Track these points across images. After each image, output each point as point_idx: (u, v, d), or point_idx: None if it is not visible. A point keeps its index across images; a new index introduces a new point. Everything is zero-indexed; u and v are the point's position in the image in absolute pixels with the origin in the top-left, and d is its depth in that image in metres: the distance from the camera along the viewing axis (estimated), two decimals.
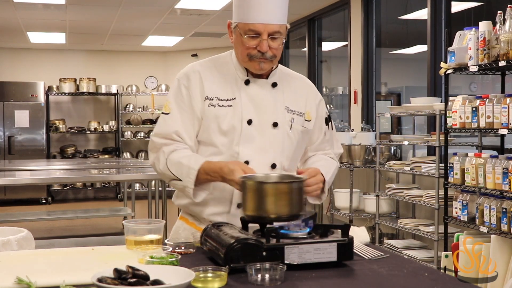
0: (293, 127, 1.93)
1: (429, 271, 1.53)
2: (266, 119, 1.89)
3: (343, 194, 5.06)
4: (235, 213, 1.88)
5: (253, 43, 1.83)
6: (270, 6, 1.81)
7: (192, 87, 1.90)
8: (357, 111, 6.23)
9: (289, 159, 1.93)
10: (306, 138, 2.00)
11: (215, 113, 1.87)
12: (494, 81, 6.96)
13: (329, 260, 1.53)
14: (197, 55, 10.08)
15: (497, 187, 3.28)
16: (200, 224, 1.94)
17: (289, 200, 1.59)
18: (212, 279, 1.36)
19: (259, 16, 1.81)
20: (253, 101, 1.90)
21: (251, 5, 1.81)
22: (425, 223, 4.41)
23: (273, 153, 1.90)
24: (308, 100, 2.00)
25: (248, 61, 1.87)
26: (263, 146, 1.88)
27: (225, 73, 1.94)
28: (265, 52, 1.83)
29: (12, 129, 9.27)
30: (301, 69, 7.98)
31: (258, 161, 1.87)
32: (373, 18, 6.04)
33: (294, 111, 1.95)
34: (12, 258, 1.62)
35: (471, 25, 3.54)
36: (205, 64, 1.96)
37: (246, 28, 1.82)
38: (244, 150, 1.86)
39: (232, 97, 1.89)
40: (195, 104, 1.89)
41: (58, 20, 7.64)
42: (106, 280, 1.26)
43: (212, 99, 1.88)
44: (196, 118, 1.89)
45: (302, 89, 2.02)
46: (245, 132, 1.87)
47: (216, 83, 1.91)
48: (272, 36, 1.83)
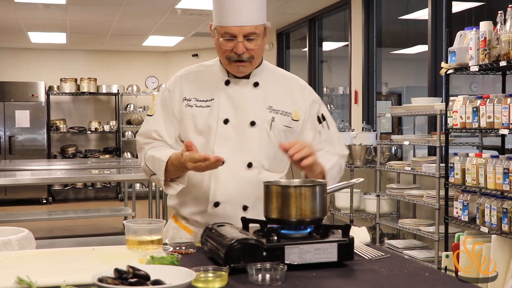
0: (273, 126, 1.93)
1: (429, 271, 1.53)
2: (243, 119, 1.91)
3: (344, 194, 5.05)
4: (212, 212, 1.91)
5: (229, 46, 1.85)
6: (244, 8, 1.83)
7: (174, 90, 1.98)
8: (358, 111, 6.23)
9: (269, 158, 1.93)
10: (292, 138, 1.97)
11: (191, 113, 1.93)
12: (494, 81, 6.96)
13: (329, 260, 1.53)
14: (197, 55, 10.08)
15: (498, 187, 3.28)
16: (186, 223, 1.99)
17: (311, 204, 1.58)
18: (213, 279, 1.36)
19: (233, 18, 1.83)
20: (232, 101, 1.92)
21: (226, 8, 1.83)
22: (426, 223, 4.41)
23: (250, 152, 1.91)
24: (296, 100, 2.00)
25: (228, 63, 1.90)
26: (239, 145, 1.90)
27: (209, 76, 1.98)
28: (241, 54, 1.85)
29: (13, 129, 9.28)
30: (302, 69, 7.98)
31: (234, 160, 1.89)
32: (373, 18, 6.04)
33: (278, 111, 1.95)
34: (12, 258, 1.62)
35: (472, 25, 3.54)
36: (191, 69, 2.04)
37: (222, 31, 1.85)
38: (220, 149, 1.89)
39: (211, 98, 1.94)
40: (174, 106, 1.97)
41: (58, 20, 7.65)
42: (107, 280, 1.26)
43: (190, 100, 1.95)
44: (175, 119, 1.96)
45: (290, 89, 2.02)
46: (221, 132, 1.90)
47: (196, 85, 1.97)
48: (248, 37, 1.85)
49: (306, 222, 1.58)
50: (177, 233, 2.00)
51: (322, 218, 1.62)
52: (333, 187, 1.84)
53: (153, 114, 2.00)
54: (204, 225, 1.90)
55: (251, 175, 1.90)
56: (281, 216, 1.58)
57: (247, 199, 1.91)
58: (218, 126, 1.90)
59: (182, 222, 2.01)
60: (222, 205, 1.90)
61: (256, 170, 1.91)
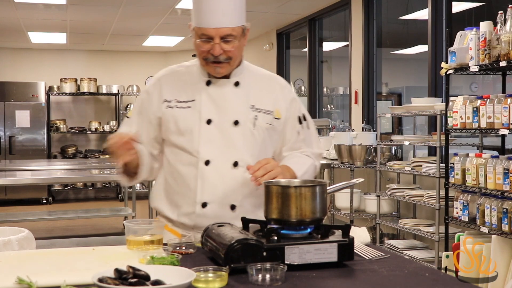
0: (257, 124, 1.94)
1: (429, 271, 1.53)
2: (226, 118, 1.92)
3: (344, 194, 5.05)
4: (200, 213, 1.90)
5: (206, 47, 1.86)
6: (221, 10, 1.83)
7: (152, 93, 2.00)
8: (358, 111, 6.23)
9: (254, 157, 1.93)
10: (274, 136, 2.00)
11: (173, 115, 1.94)
12: (495, 81, 6.96)
13: (329, 260, 1.53)
14: None
15: (498, 188, 3.28)
16: (173, 226, 1.98)
17: (311, 204, 1.58)
18: (213, 279, 1.36)
19: (210, 20, 1.83)
20: (214, 101, 1.93)
21: (203, 9, 1.84)
22: (426, 223, 4.41)
23: (235, 151, 1.91)
24: (277, 99, 2.01)
25: (205, 64, 1.91)
26: (224, 145, 1.91)
27: (189, 76, 1.99)
28: (217, 56, 1.86)
29: (13, 129, 9.28)
30: (302, 69, 7.98)
31: (220, 160, 1.90)
32: (373, 18, 6.04)
33: (260, 109, 1.96)
34: (13, 258, 1.62)
35: (472, 25, 3.54)
36: (170, 70, 2.05)
37: (199, 32, 1.86)
38: (204, 149, 1.90)
39: (192, 98, 1.94)
40: (151, 108, 1.98)
41: (59, 20, 7.65)
42: (107, 280, 1.26)
43: (171, 101, 1.95)
44: (152, 121, 1.97)
45: (271, 88, 2.03)
46: (205, 132, 1.91)
47: (176, 86, 1.98)
48: (225, 39, 1.85)
49: (306, 222, 1.58)
50: (164, 236, 1.95)
51: (322, 218, 1.62)
52: (333, 187, 1.84)
53: (130, 117, 2.03)
54: (192, 227, 1.92)
55: (238, 174, 1.91)
56: (281, 216, 1.58)
57: (234, 198, 1.91)
58: (201, 126, 1.91)
59: (168, 225, 1.99)
60: (210, 205, 1.90)
61: (242, 169, 1.91)
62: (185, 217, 1.93)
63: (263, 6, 6.98)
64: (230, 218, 1.88)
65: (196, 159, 1.90)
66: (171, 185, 1.96)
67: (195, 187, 1.90)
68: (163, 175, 2.00)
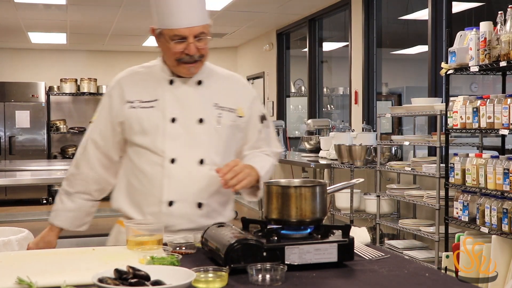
0: (221, 122, 1.95)
1: (430, 271, 1.53)
2: (191, 116, 1.92)
3: (344, 195, 5.05)
4: (166, 212, 1.89)
5: (180, 48, 1.86)
6: (191, 9, 1.85)
7: (113, 95, 2.00)
8: (358, 111, 6.23)
9: (219, 154, 1.94)
10: (238, 134, 2.01)
11: (136, 115, 1.93)
12: (495, 81, 6.96)
13: (329, 260, 1.53)
14: None
15: (498, 188, 3.28)
16: None
17: (311, 204, 1.58)
18: (213, 279, 1.36)
19: (182, 20, 1.84)
20: (178, 100, 1.93)
21: (173, 11, 1.83)
22: (426, 223, 4.41)
23: (200, 149, 1.92)
24: (240, 97, 2.03)
25: (176, 65, 1.90)
26: (189, 143, 1.91)
27: (151, 76, 1.99)
28: (193, 55, 1.87)
29: (13, 129, 9.28)
30: (302, 70, 7.98)
31: (185, 158, 1.90)
32: (373, 19, 6.04)
33: (224, 107, 1.97)
34: (13, 258, 1.62)
35: (472, 26, 3.53)
36: (131, 71, 2.05)
37: (171, 34, 1.85)
38: (170, 147, 1.89)
39: (155, 98, 1.94)
40: (113, 111, 1.98)
41: (59, 20, 7.65)
42: (107, 281, 1.26)
43: (133, 102, 1.95)
44: (115, 124, 1.98)
45: (233, 87, 2.04)
46: (169, 131, 1.91)
47: (138, 87, 1.98)
48: (198, 37, 1.86)
49: (306, 223, 1.59)
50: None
51: (322, 218, 1.62)
52: (333, 188, 1.84)
53: (94, 121, 2.04)
54: None
55: (204, 172, 1.91)
56: (281, 216, 1.58)
57: (201, 196, 1.91)
58: (166, 125, 1.91)
59: None
60: (177, 204, 1.89)
61: (208, 166, 1.91)
62: (150, 217, 1.91)
63: (263, 6, 6.98)
64: (197, 216, 1.89)
65: (161, 158, 1.89)
66: (134, 186, 1.95)
67: (161, 186, 1.89)
68: (125, 176, 1.99)
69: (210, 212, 1.93)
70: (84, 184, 2.03)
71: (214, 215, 1.94)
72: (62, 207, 2.04)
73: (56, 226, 2.03)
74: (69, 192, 2.04)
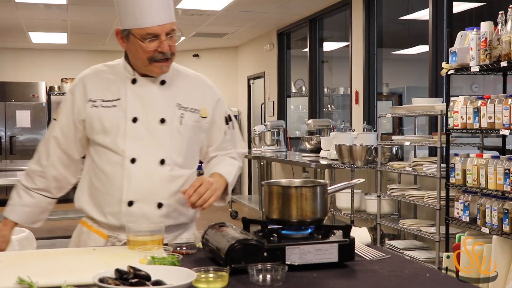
0: (183, 122, 1.95)
1: (430, 272, 1.53)
2: (153, 116, 1.91)
3: (344, 195, 5.05)
4: (126, 212, 1.89)
5: (153, 46, 1.85)
6: (162, 7, 1.85)
7: (76, 92, 1.98)
8: (359, 111, 6.23)
9: (181, 155, 1.94)
10: (201, 135, 2.01)
11: (98, 114, 1.92)
12: (495, 81, 6.96)
13: (330, 260, 1.53)
14: (198, 55, 10.08)
15: (499, 188, 3.27)
16: (98, 227, 1.96)
17: (312, 205, 1.58)
18: (214, 279, 1.36)
19: (154, 18, 1.83)
20: (140, 99, 1.92)
21: (144, 10, 1.83)
22: (427, 223, 4.40)
23: (161, 149, 1.91)
24: (204, 98, 2.02)
25: (148, 65, 1.89)
26: (150, 143, 1.90)
27: (113, 75, 1.98)
28: (166, 52, 1.86)
29: (14, 129, 9.28)
30: (302, 70, 7.97)
31: (146, 158, 1.89)
32: (374, 19, 6.04)
33: (187, 108, 1.97)
34: (13, 258, 1.62)
35: (473, 26, 3.53)
36: (95, 69, 2.04)
37: (143, 33, 1.84)
38: (130, 147, 1.89)
39: (117, 97, 1.93)
40: (76, 108, 1.96)
41: (59, 20, 7.65)
42: (108, 281, 1.26)
43: (95, 100, 1.94)
44: (77, 122, 1.96)
45: (197, 87, 2.03)
46: (130, 130, 1.90)
47: (101, 86, 1.97)
48: (169, 34, 1.87)
49: (307, 223, 1.59)
50: (89, 238, 1.96)
51: (323, 218, 1.62)
52: (334, 188, 1.84)
53: (57, 119, 2.01)
54: (118, 227, 1.90)
55: (164, 172, 1.90)
56: (282, 216, 1.58)
57: (161, 196, 1.90)
58: (127, 125, 1.90)
59: (93, 226, 1.97)
60: (136, 204, 1.89)
61: (168, 166, 1.91)
62: (111, 217, 1.91)
63: (263, 6, 6.98)
64: (157, 216, 1.89)
65: (121, 157, 1.88)
66: (95, 185, 1.94)
67: (121, 185, 1.88)
68: (88, 176, 1.99)
69: (171, 212, 1.92)
70: (43, 181, 2.01)
71: (175, 215, 1.94)
72: (20, 201, 2.00)
73: (10, 221, 1.99)
74: (28, 188, 2.01)
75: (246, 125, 10.02)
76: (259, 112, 9.65)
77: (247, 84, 9.98)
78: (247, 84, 9.98)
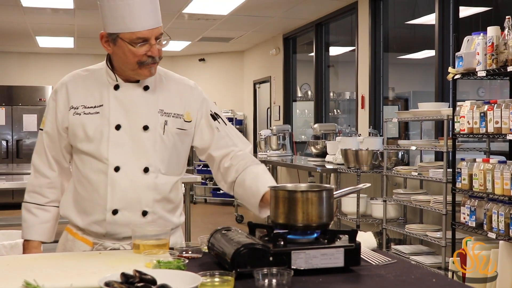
0: (166, 130, 1.91)
1: (437, 277, 1.53)
2: (136, 123, 1.88)
3: (350, 199, 5.04)
4: (110, 220, 1.87)
5: (143, 50, 1.83)
6: (151, 11, 1.83)
7: (58, 99, 1.95)
8: (365, 116, 6.22)
9: (164, 162, 1.91)
10: (186, 139, 1.97)
11: (80, 121, 1.89)
12: (502, 86, 6.93)
13: (336, 265, 1.52)
14: (204, 59, 10.10)
15: (506, 193, 3.26)
16: (83, 234, 1.94)
17: (318, 209, 1.58)
18: (219, 283, 1.36)
19: (144, 23, 1.82)
20: (123, 106, 1.90)
21: (134, 13, 1.81)
22: (433, 228, 4.39)
23: (145, 156, 1.88)
24: (187, 101, 1.99)
25: (137, 68, 1.86)
26: (134, 150, 1.87)
27: (95, 81, 1.95)
28: (155, 56, 1.85)
29: (20, 132, 9.32)
30: (309, 74, 7.98)
31: (130, 166, 1.87)
32: (380, 23, 6.03)
33: (170, 114, 1.94)
34: (20, 262, 1.63)
35: (479, 30, 3.53)
36: (76, 75, 2.01)
37: (133, 37, 1.82)
38: (114, 155, 1.85)
39: (100, 103, 1.90)
40: (59, 115, 1.94)
41: (66, 24, 7.69)
42: (113, 284, 1.26)
43: (78, 107, 1.91)
44: (61, 130, 1.94)
45: (180, 91, 2.00)
46: (114, 138, 1.87)
47: (83, 92, 1.93)
48: (158, 38, 1.86)
49: (312, 227, 1.58)
50: (74, 245, 1.94)
51: (329, 223, 1.62)
52: (340, 192, 1.84)
53: (44, 128, 1.99)
54: (103, 234, 1.88)
55: (148, 180, 1.88)
56: (288, 221, 1.58)
57: (146, 204, 1.89)
58: (110, 132, 1.87)
59: (78, 234, 1.95)
60: (121, 212, 1.86)
61: (153, 174, 1.89)
62: (96, 225, 1.89)
63: (269, 11, 6.99)
64: (141, 224, 1.86)
65: (105, 165, 1.86)
66: (80, 193, 1.92)
67: (105, 194, 1.86)
68: (72, 184, 1.96)
69: (156, 220, 1.90)
70: (55, 191, 1.99)
71: (161, 222, 1.91)
72: (37, 220, 1.98)
73: (35, 241, 1.96)
74: (41, 204, 1.99)
75: (252, 129, 10.03)
76: (265, 117, 9.65)
77: (253, 89, 9.99)
78: (253, 88, 9.99)
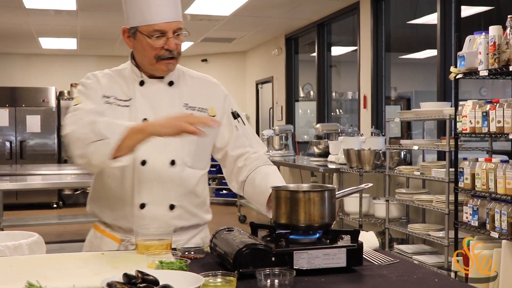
0: None
1: (439, 276, 1.53)
2: (161, 117, 1.86)
3: (353, 199, 5.04)
4: (138, 214, 1.87)
5: (160, 43, 1.84)
6: (169, 4, 1.84)
7: (91, 86, 1.90)
8: (367, 115, 6.22)
9: (191, 155, 1.92)
10: (211, 133, 1.95)
11: (112, 112, 1.87)
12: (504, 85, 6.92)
13: (338, 265, 1.53)
14: (207, 60, 10.11)
15: (508, 192, 3.26)
16: (111, 231, 1.94)
17: (320, 209, 1.58)
18: (222, 284, 1.36)
19: (161, 15, 1.83)
20: (149, 101, 1.91)
21: (152, 6, 1.83)
22: (435, 228, 4.39)
23: (171, 150, 1.89)
24: (211, 97, 2.01)
25: (155, 63, 1.88)
26: (160, 144, 1.87)
27: (122, 79, 1.95)
28: (172, 50, 1.85)
29: (24, 134, 9.34)
30: (311, 74, 7.98)
31: (156, 159, 1.88)
32: (382, 23, 6.03)
33: (195, 107, 1.96)
34: (23, 263, 1.63)
35: (481, 30, 3.52)
36: (102, 72, 2.00)
37: (150, 30, 1.83)
38: (141, 149, 1.82)
39: (129, 97, 1.91)
40: (96, 99, 1.87)
41: (69, 26, 7.70)
42: (116, 285, 1.26)
43: (109, 97, 1.90)
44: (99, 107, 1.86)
45: (204, 86, 2.02)
46: None
47: (113, 85, 1.93)
48: (176, 32, 1.86)
49: (315, 227, 1.59)
50: (102, 242, 1.94)
51: (331, 223, 1.62)
52: (342, 192, 1.84)
53: (81, 103, 1.85)
54: (131, 230, 1.85)
55: (175, 173, 1.89)
56: (290, 221, 1.58)
57: (173, 197, 1.89)
58: None
59: (106, 231, 1.95)
60: (148, 206, 1.87)
61: (179, 167, 1.89)
62: (122, 220, 1.89)
63: (271, 11, 6.99)
64: (169, 218, 1.87)
65: (132, 159, 1.83)
66: (107, 188, 1.92)
67: (132, 187, 1.87)
68: (98, 180, 1.95)
69: (183, 214, 1.91)
70: None
71: (188, 216, 1.93)
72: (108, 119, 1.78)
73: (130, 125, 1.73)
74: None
75: (255, 129, 10.03)
76: (267, 117, 9.65)
77: (255, 89, 9.99)
78: (255, 88, 9.99)
